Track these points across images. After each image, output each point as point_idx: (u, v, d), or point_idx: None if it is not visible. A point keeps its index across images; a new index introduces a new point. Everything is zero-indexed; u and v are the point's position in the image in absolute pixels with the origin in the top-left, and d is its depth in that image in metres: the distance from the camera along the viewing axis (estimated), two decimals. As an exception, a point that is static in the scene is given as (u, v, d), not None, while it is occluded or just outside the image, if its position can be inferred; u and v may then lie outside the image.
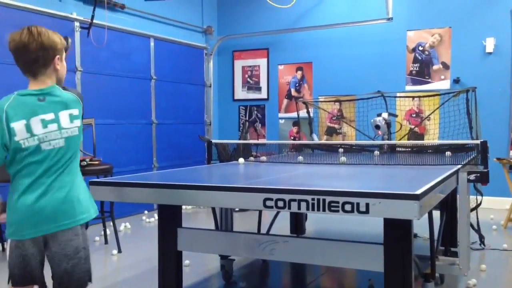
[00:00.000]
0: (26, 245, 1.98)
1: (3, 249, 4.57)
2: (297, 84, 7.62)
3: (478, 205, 4.25)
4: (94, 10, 5.59)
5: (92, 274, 2.12)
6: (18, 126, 1.93)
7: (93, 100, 5.77)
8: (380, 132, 4.62)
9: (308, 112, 5.69)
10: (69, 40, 2.21)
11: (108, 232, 4.83)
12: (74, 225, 2.02)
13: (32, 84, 2.02)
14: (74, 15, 5.63)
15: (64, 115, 2.01)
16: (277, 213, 4.16)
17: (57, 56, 2.04)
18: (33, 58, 1.98)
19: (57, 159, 1.99)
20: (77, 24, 5.64)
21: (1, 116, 1.93)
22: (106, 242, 4.80)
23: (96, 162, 4.61)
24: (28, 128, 1.94)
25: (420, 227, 3.44)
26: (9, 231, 2.00)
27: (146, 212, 6.34)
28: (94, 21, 5.63)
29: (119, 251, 4.50)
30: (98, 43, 5.69)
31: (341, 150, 4.56)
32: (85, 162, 4.42)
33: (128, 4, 6.31)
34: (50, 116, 1.98)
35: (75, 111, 2.05)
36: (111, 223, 4.65)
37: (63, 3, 5.56)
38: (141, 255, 4.41)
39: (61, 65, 2.08)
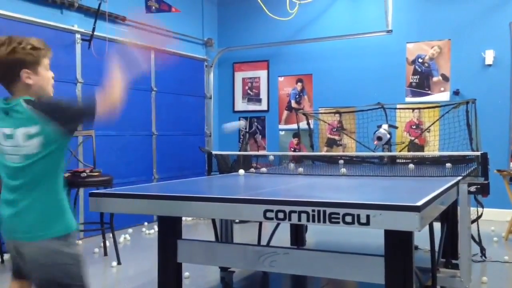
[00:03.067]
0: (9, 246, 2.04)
1: (3, 261, 4.55)
2: (297, 96, 7.64)
3: (479, 217, 4.24)
4: (95, 22, 5.62)
5: (91, 285, 2.11)
6: None
7: (93, 111, 5.76)
8: (380, 142, 4.60)
9: (308, 123, 5.70)
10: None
11: (107, 243, 4.81)
12: (31, 240, 1.95)
13: (11, 97, 1.97)
14: (76, 28, 5.66)
15: (20, 133, 1.89)
16: (277, 224, 4.14)
17: (25, 70, 1.91)
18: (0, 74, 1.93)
19: (19, 175, 1.93)
20: (78, 36, 5.68)
21: None
22: (105, 253, 4.78)
23: (96, 174, 4.61)
24: None
25: (421, 239, 3.42)
26: None
27: (146, 223, 6.32)
28: (95, 33, 5.66)
29: (119, 263, 4.48)
30: (99, 55, 5.72)
31: (341, 161, 4.56)
32: (85, 174, 4.42)
33: (129, 16, 6.35)
34: (8, 131, 1.91)
35: (33, 129, 1.88)
36: (111, 235, 4.64)
37: (64, 15, 5.60)
38: (140, 267, 4.39)
39: (36, 78, 1.94)
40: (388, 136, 4.51)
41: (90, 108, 1.98)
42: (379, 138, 4.57)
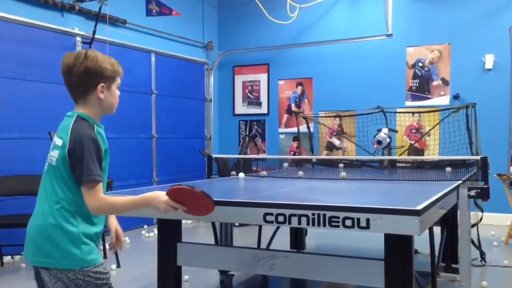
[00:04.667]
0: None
1: (2, 264, 4.55)
2: (297, 99, 7.64)
3: (479, 221, 4.24)
4: (96, 25, 5.63)
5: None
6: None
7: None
8: (379, 146, 4.61)
9: (308, 127, 5.70)
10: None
11: (107, 246, 4.80)
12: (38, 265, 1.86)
13: (75, 108, 1.95)
14: (76, 30, 5.67)
15: (54, 140, 1.91)
16: (277, 228, 4.14)
17: (101, 84, 1.89)
18: (75, 82, 1.88)
19: (42, 181, 1.91)
20: (78, 39, 5.68)
21: None
22: (105, 256, 4.77)
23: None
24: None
25: (421, 243, 3.42)
26: None
27: (145, 226, 6.31)
28: (96, 36, 5.67)
29: (118, 265, 4.47)
30: (99, 58, 5.72)
31: (341, 165, 4.56)
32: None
33: (130, 19, 6.36)
34: (54, 137, 1.95)
35: (59, 141, 1.87)
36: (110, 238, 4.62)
37: (65, 18, 5.60)
38: (140, 270, 4.38)
39: (107, 94, 1.93)
40: (388, 140, 4.52)
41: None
42: (379, 142, 4.58)
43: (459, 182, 3.21)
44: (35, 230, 1.85)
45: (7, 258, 4.67)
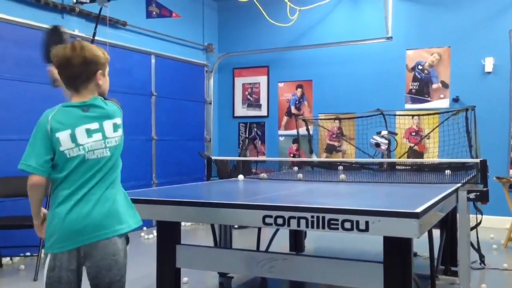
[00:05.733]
0: (64, 258, 1.92)
1: (1, 265, 4.54)
2: (297, 102, 7.65)
3: (478, 224, 4.23)
4: (96, 27, 5.62)
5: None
6: (62, 136, 1.92)
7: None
8: (383, 147, 4.61)
9: (307, 129, 5.70)
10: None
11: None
12: (112, 235, 1.96)
13: (75, 97, 2.02)
14: (76, 32, 5.67)
15: (108, 125, 2.00)
16: (277, 230, 4.14)
17: (99, 71, 2.02)
18: (76, 72, 1.97)
19: (101, 169, 1.96)
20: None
21: (46, 127, 1.92)
22: (104, 258, 4.76)
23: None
24: (73, 138, 1.93)
25: (420, 246, 3.43)
26: (47, 244, 1.96)
27: (145, 228, 6.31)
28: (96, 38, 5.66)
29: (117, 267, 4.46)
30: (99, 60, 5.72)
31: (340, 167, 4.56)
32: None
33: (130, 21, 6.37)
34: (94, 125, 1.97)
35: (118, 120, 2.05)
36: (110, 240, 4.62)
37: (65, 20, 5.61)
38: (139, 272, 4.37)
39: (104, 80, 2.06)
40: (386, 142, 4.52)
41: None
42: (377, 145, 4.58)
43: (459, 185, 3.21)
44: (113, 206, 1.98)
45: (5, 260, 4.66)
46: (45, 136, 1.92)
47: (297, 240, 4.64)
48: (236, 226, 5.69)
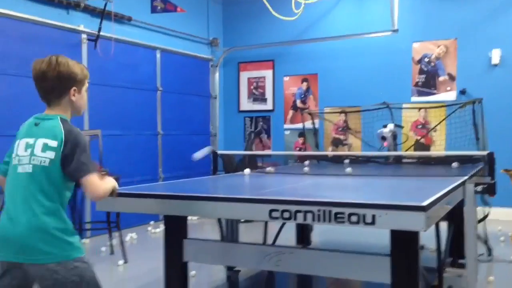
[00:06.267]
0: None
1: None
2: (302, 96, 7.63)
3: (485, 217, 4.23)
4: (101, 22, 5.64)
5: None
6: (16, 144, 2.01)
7: (99, 111, 5.80)
8: (386, 144, 4.62)
9: (313, 123, 5.69)
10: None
11: (114, 242, 4.83)
12: (35, 262, 1.87)
13: (46, 110, 2.05)
14: (81, 28, 5.68)
15: (39, 143, 1.94)
16: (283, 224, 4.14)
17: (74, 88, 2.03)
18: (49, 86, 1.99)
19: (25, 184, 1.92)
20: (84, 36, 5.70)
21: (17, 133, 2.04)
22: (112, 252, 4.80)
23: (103, 173, 4.62)
24: (17, 148, 1.99)
25: (428, 239, 3.42)
26: None
27: (152, 222, 6.34)
28: (101, 33, 5.68)
29: (125, 261, 4.50)
30: (105, 55, 5.74)
31: (346, 161, 4.56)
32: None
33: (135, 16, 6.37)
34: (31, 140, 1.97)
35: (52, 143, 1.93)
36: (117, 234, 4.66)
37: (70, 15, 5.62)
38: (147, 266, 4.40)
39: (79, 97, 2.06)
40: (390, 134, 4.51)
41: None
42: (383, 138, 4.57)
43: (466, 177, 3.19)
44: (29, 231, 1.87)
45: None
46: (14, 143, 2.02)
47: (303, 234, 4.65)
48: (242, 220, 5.70)
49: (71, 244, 1.93)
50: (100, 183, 2.03)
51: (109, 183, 2.11)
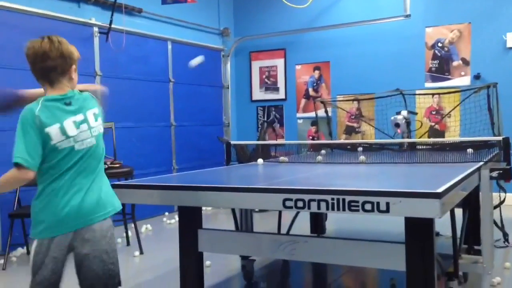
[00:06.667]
0: (52, 244, 2.01)
1: (28, 252, 4.65)
2: (314, 84, 7.60)
3: (501, 202, 4.19)
4: (112, 15, 5.65)
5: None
6: (52, 130, 1.97)
7: (112, 103, 5.79)
8: (399, 131, 4.58)
9: (326, 111, 5.67)
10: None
11: (129, 234, 4.88)
12: (104, 218, 2.09)
13: (50, 91, 2.06)
14: (93, 21, 5.70)
15: (90, 115, 2.09)
16: (297, 213, 4.15)
17: (73, 66, 2.10)
18: (52, 65, 2.02)
19: (91, 158, 2.07)
20: (95, 29, 5.72)
21: (35, 122, 1.95)
22: (128, 243, 4.85)
23: (117, 165, 4.66)
24: (63, 131, 1.99)
25: (443, 226, 3.40)
26: (35, 230, 2.03)
27: (166, 213, 6.39)
28: (113, 26, 5.70)
29: (141, 252, 4.54)
30: (116, 48, 5.76)
31: (360, 149, 4.54)
32: (106, 166, 4.47)
33: (145, 8, 6.37)
34: (80, 117, 2.05)
35: (97, 110, 2.14)
36: (133, 225, 4.70)
37: (81, 9, 5.64)
38: (162, 257, 4.44)
39: (75, 75, 2.13)
40: (404, 121, 4.47)
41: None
42: (397, 125, 4.53)
43: (481, 163, 3.16)
44: (105, 193, 2.13)
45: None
46: (36, 132, 1.95)
47: (318, 222, 4.65)
48: (257, 210, 5.72)
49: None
50: None
51: None
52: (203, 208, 3.88)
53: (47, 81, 2.06)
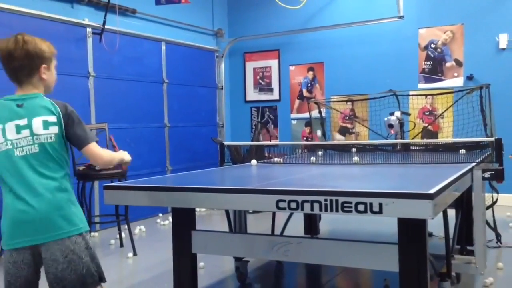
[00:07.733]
0: (16, 255, 1.95)
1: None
2: (308, 85, 7.61)
3: (494, 203, 4.21)
4: (105, 15, 5.64)
5: (108, 277, 2.14)
6: None
7: (106, 104, 5.82)
8: (393, 131, 4.60)
9: (320, 112, 5.68)
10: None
11: (123, 235, 4.87)
12: (57, 238, 1.95)
13: (18, 91, 2.04)
14: (86, 21, 5.68)
15: (37, 121, 1.96)
16: (291, 214, 4.15)
17: (43, 65, 2.03)
18: (18, 65, 1.98)
19: (31, 165, 1.95)
20: (89, 30, 5.70)
21: None
22: (121, 245, 4.84)
23: (111, 167, 4.64)
24: (3, 133, 1.95)
25: (436, 226, 3.41)
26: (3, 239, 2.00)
27: (160, 215, 6.37)
28: (106, 26, 5.68)
29: (135, 254, 4.53)
30: (110, 48, 5.74)
31: (354, 150, 4.55)
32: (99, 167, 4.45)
33: (139, 9, 6.36)
34: (23, 122, 1.96)
35: (50, 118, 1.98)
36: (126, 226, 4.69)
37: (75, 9, 5.62)
38: (156, 258, 4.43)
39: (48, 74, 2.06)
40: (397, 122, 4.49)
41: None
42: (390, 126, 4.55)
43: (474, 164, 3.18)
44: (49, 209, 1.94)
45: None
46: None
47: (311, 223, 4.66)
48: (250, 211, 5.72)
49: (80, 216, 2.05)
50: (102, 150, 2.10)
51: (118, 153, 2.20)
52: (197, 209, 3.88)
53: (16, 81, 2.03)
